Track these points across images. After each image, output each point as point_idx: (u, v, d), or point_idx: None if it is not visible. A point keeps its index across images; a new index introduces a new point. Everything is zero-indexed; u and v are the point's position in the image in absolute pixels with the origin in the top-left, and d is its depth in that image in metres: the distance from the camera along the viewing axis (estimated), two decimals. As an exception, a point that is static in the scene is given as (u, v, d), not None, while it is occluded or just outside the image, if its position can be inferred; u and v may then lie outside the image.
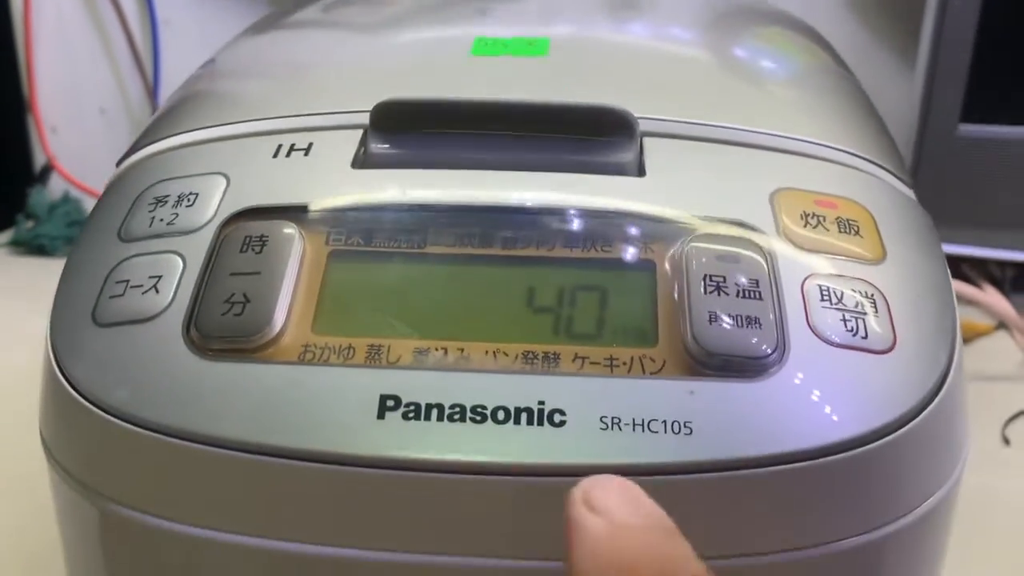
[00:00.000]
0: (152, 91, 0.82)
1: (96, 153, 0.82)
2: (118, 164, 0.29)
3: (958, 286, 0.60)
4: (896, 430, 0.21)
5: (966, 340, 0.62)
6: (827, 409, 0.20)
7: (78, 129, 0.82)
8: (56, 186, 0.79)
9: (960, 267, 0.64)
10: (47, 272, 0.78)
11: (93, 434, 0.21)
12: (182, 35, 0.82)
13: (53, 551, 0.40)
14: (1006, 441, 0.50)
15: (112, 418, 0.21)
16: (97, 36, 0.82)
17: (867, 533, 0.21)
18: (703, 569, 0.16)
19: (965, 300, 0.60)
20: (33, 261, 0.73)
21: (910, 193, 0.27)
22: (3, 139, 0.79)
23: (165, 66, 0.82)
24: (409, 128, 0.25)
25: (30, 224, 0.74)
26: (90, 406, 0.21)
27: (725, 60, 0.32)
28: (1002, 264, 0.65)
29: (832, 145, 0.26)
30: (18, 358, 0.57)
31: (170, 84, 0.82)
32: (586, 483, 0.16)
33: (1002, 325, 0.61)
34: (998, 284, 0.63)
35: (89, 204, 0.77)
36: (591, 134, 0.25)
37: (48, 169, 0.80)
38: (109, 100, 0.83)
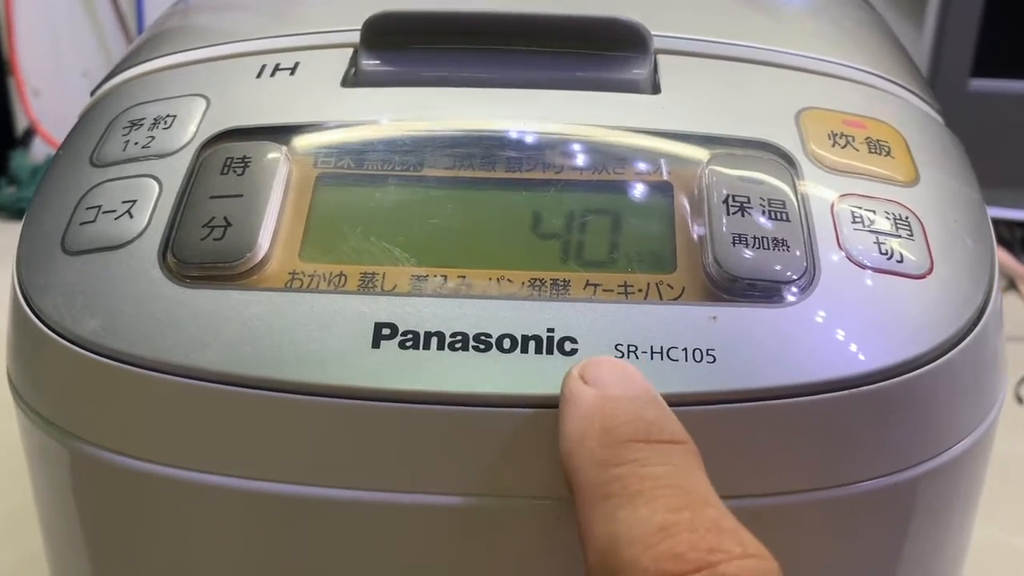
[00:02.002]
0: (137, 52, 0.80)
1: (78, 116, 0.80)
2: (92, 93, 0.27)
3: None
4: (932, 361, 0.19)
5: (975, 300, 0.60)
6: (858, 337, 0.19)
7: (61, 92, 0.80)
8: (38, 150, 0.77)
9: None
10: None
11: (62, 369, 0.19)
12: (167, -5, 0.80)
13: (23, 511, 0.38)
14: (1019, 400, 0.49)
15: (82, 350, 0.19)
16: (80, -3, 0.79)
17: (898, 473, 0.19)
18: (680, 429, 0.17)
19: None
20: (15, 226, 0.71)
21: (939, 118, 0.25)
22: (-16, 102, 0.77)
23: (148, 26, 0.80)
24: (403, 44, 0.23)
25: (12, 188, 0.72)
26: (58, 338, 0.19)
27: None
28: (1011, 224, 0.63)
29: (858, 67, 0.25)
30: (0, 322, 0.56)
31: (156, 45, 0.80)
32: (583, 361, 0.17)
33: (1012, 285, 0.59)
34: (1008, 245, 0.62)
35: (73, 168, 0.75)
36: (601, 49, 0.23)
37: (30, 132, 0.78)
38: (92, 62, 0.81)
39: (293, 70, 0.23)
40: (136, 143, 0.22)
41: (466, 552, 0.19)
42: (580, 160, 0.21)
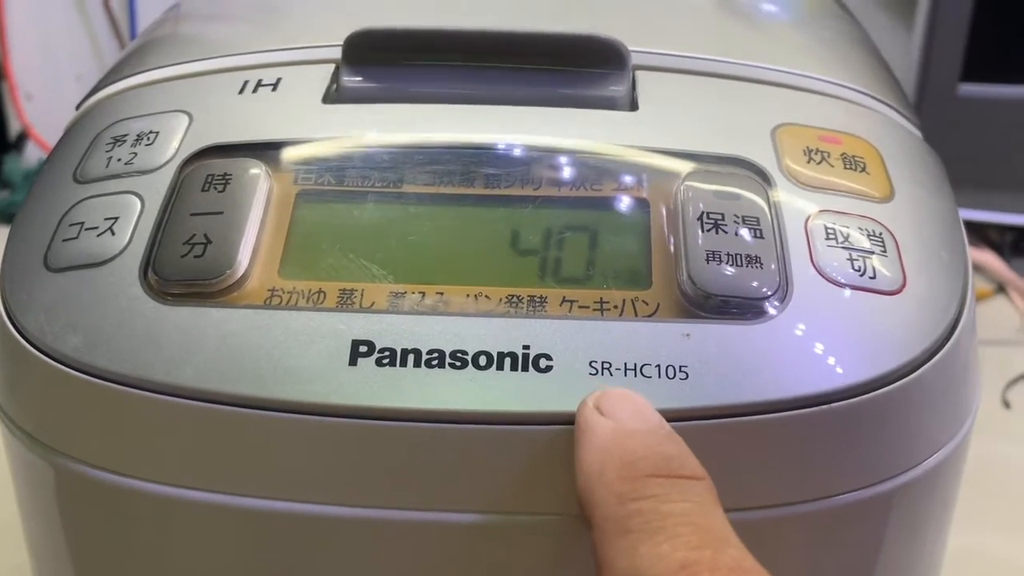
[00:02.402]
0: (130, 56, 0.80)
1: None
2: (77, 107, 0.27)
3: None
4: (905, 376, 0.19)
5: (964, 305, 0.60)
6: (832, 353, 0.19)
7: (54, 96, 0.80)
8: (32, 154, 0.77)
9: (957, 231, 0.62)
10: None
11: (44, 385, 0.20)
12: (160, 1, 0.80)
13: (10, 523, 0.38)
14: (1006, 404, 0.49)
15: (64, 367, 0.19)
16: (73, 2, 0.79)
17: (872, 487, 0.20)
18: (698, 465, 0.17)
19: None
20: (8, 230, 0.71)
21: (917, 132, 0.25)
22: (-23, 107, 0.77)
23: (141, 31, 0.80)
24: (384, 60, 0.23)
25: (5, 193, 0.73)
26: (40, 355, 0.20)
27: (724, 0, 0.30)
28: (1001, 228, 0.63)
29: (836, 81, 0.25)
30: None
31: (149, 49, 0.80)
32: (597, 393, 0.18)
33: (1001, 289, 0.60)
34: (997, 248, 0.62)
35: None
36: (580, 66, 0.23)
37: (23, 137, 0.78)
38: (85, 67, 0.81)
39: (275, 86, 0.23)
40: (119, 159, 0.22)
41: (442, 568, 0.19)
42: (558, 177, 0.21)
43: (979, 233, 0.63)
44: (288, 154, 0.22)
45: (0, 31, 0.76)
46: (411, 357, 0.18)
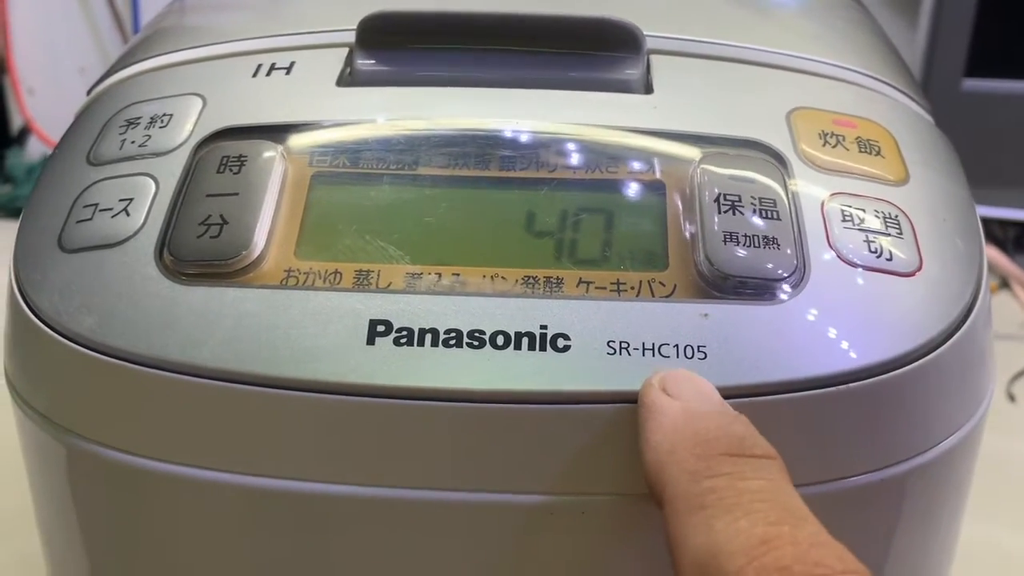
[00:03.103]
0: (133, 51, 0.80)
1: (74, 114, 0.80)
2: (88, 92, 0.27)
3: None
4: (921, 358, 0.19)
5: (967, 299, 0.60)
6: (848, 334, 0.19)
7: (56, 90, 0.80)
8: (34, 148, 0.77)
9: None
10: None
11: (59, 365, 0.20)
12: (163, -7, 0.80)
13: (19, 512, 0.38)
14: (1011, 398, 0.50)
15: (79, 347, 0.19)
16: (75, -6, 0.79)
17: (887, 468, 0.20)
18: (768, 445, 0.17)
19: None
20: (11, 224, 0.71)
21: (928, 118, 0.25)
22: (-21, 101, 0.77)
23: (145, 24, 0.80)
24: (398, 44, 0.23)
25: (7, 187, 0.72)
26: (55, 335, 0.19)
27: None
28: (1004, 223, 0.64)
29: (849, 67, 0.25)
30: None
31: (151, 44, 0.80)
32: (661, 373, 0.18)
33: (1004, 284, 0.60)
34: (1001, 244, 0.62)
35: (69, 167, 0.75)
36: (594, 49, 0.23)
37: (26, 131, 0.78)
38: (88, 60, 0.80)
39: (289, 69, 0.23)
40: (133, 142, 0.22)
41: (460, 547, 0.19)
42: (573, 159, 0.21)
43: (983, 228, 0.63)
44: (303, 136, 0.22)
45: (3, 25, 0.76)
46: (428, 336, 0.18)
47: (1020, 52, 0.61)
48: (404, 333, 0.18)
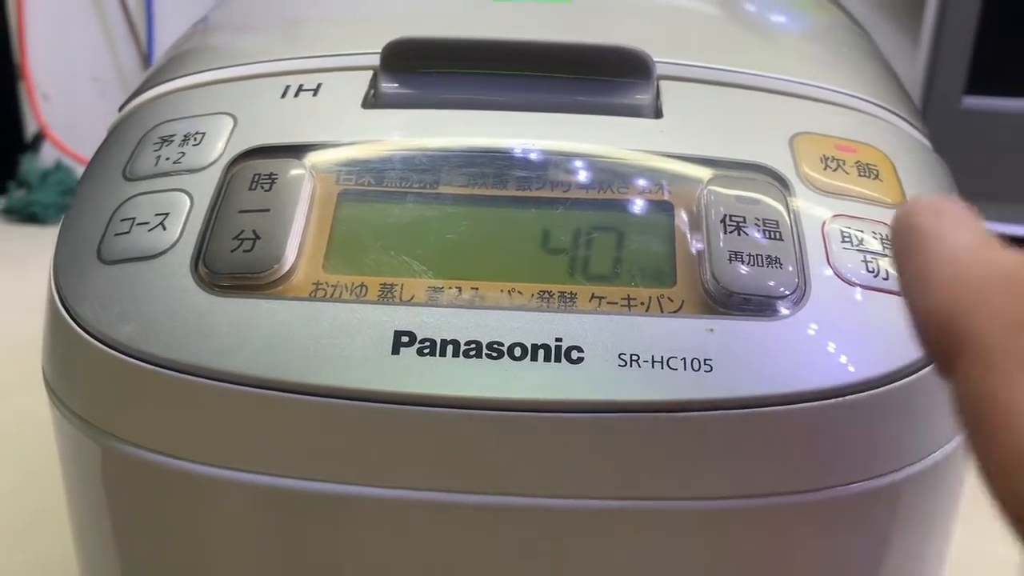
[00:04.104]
0: (146, 59, 0.81)
1: (88, 121, 0.81)
2: (120, 109, 0.28)
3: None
4: (914, 373, 0.20)
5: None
6: (847, 349, 0.20)
7: (70, 97, 0.81)
8: (48, 154, 0.78)
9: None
10: (39, 240, 0.77)
11: (100, 371, 0.21)
12: (176, 3, 0.81)
13: (41, 515, 0.39)
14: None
15: (119, 354, 0.20)
16: (91, 3, 0.80)
17: (882, 476, 0.21)
18: None
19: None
20: (25, 229, 0.72)
21: (927, 142, 0.26)
22: (-5, 107, 0.78)
23: (159, 34, 0.81)
24: (421, 68, 0.24)
25: (21, 192, 0.74)
26: (96, 343, 0.21)
27: (742, 13, 0.31)
28: (1003, 238, 0.65)
29: (850, 93, 0.26)
30: (9, 325, 0.57)
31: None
32: (927, 198, 0.15)
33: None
34: (998, 259, 0.63)
35: (81, 172, 0.76)
36: (607, 75, 0.24)
37: (40, 137, 0.79)
38: (102, 68, 0.82)
39: (316, 91, 0.25)
40: (167, 159, 0.23)
41: (476, 549, 0.20)
42: (586, 180, 0.23)
43: (981, 243, 0.64)
44: (330, 156, 0.23)
45: (19, 32, 0.78)
46: (450, 347, 0.20)
47: (1019, 71, 0.63)
48: (427, 344, 0.20)
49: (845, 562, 0.22)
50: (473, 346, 0.20)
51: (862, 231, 0.22)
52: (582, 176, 0.23)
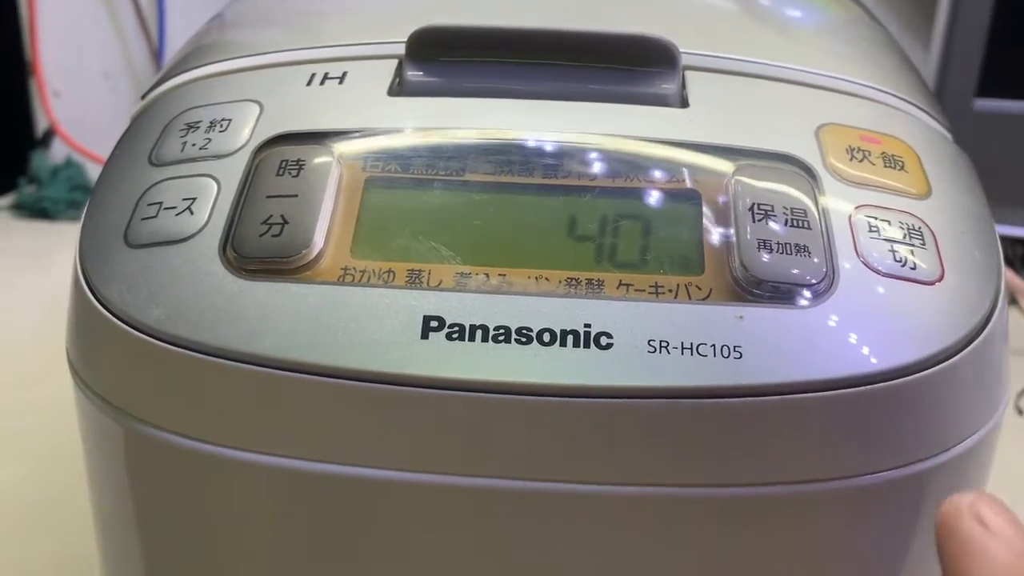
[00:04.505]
0: (157, 56, 0.82)
1: (99, 117, 0.82)
2: (143, 97, 0.28)
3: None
4: (941, 363, 0.20)
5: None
6: (874, 338, 0.20)
7: (81, 93, 0.82)
8: (58, 150, 0.78)
9: (970, 244, 0.63)
10: (49, 235, 0.77)
11: (127, 354, 0.21)
12: (188, 0, 0.81)
13: (59, 502, 0.40)
14: (1019, 411, 0.50)
15: (147, 337, 0.20)
16: (102, 0, 0.81)
17: (907, 466, 0.21)
18: None
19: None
20: (35, 224, 0.72)
21: (948, 135, 0.26)
22: (5, 102, 0.78)
23: (170, 31, 0.82)
24: (446, 56, 0.24)
25: (32, 187, 0.74)
26: (124, 326, 0.21)
27: (765, 7, 0.31)
28: (1015, 241, 0.65)
29: (873, 85, 0.26)
30: (21, 318, 0.57)
31: (175, 49, 0.81)
32: (969, 498, 0.16)
33: (1014, 301, 0.61)
34: (1009, 262, 0.63)
35: (91, 168, 0.76)
36: (633, 64, 0.24)
37: (50, 133, 0.79)
38: (113, 64, 0.82)
39: (342, 79, 0.25)
40: (194, 144, 0.24)
41: (503, 532, 0.20)
42: (613, 168, 0.23)
43: (992, 246, 0.65)
44: (356, 143, 0.23)
45: (30, 29, 0.78)
46: (479, 332, 0.20)
47: (1031, 73, 0.63)
48: (456, 329, 0.20)
49: (872, 550, 0.22)
50: (502, 331, 0.20)
51: (888, 221, 0.22)
52: (608, 164, 0.23)
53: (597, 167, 0.23)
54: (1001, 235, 0.70)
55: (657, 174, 0.22)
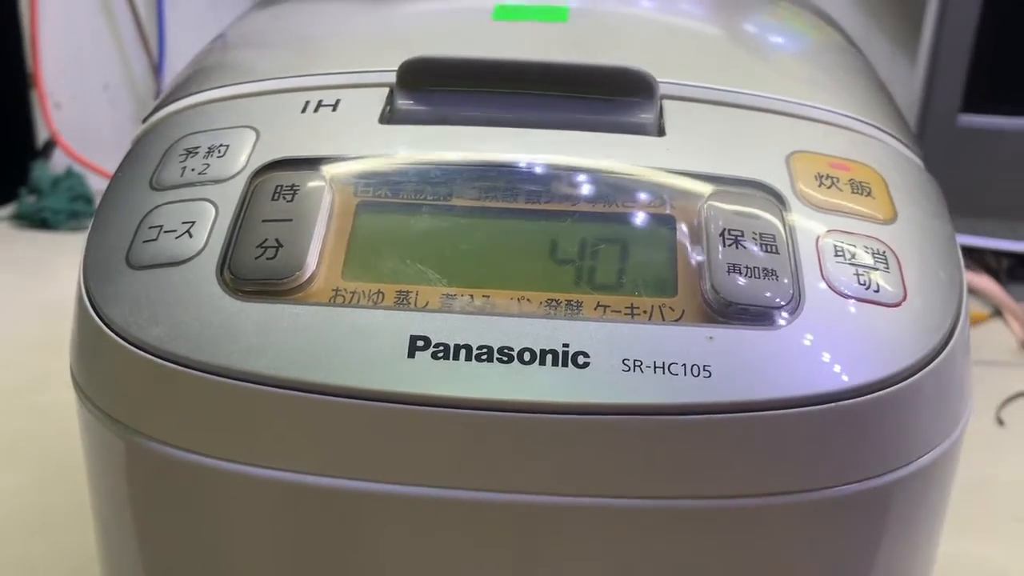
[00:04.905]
0: (156, 68, 0.83)
1: (99, 129, 0.83)
2: (144, 121, 0.30)
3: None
4: (903, 381, 0.21)
5: (961, 327, 0.62)
6: (839, 358, 0.21)
7: (81, 105, 0.83)
8: (58, 161, 0.79)
9: (956, 256, 0.65)
10: (50, 245, 0.79)
11: (129, 372, 0.22)
12: (187, 14, 0.83)
13: (59, 509, 0.40)
14: (1000, 422, 0.52)
15: (148, 355, 0.21)
16: (102, 13, 0.82)
17: (872, 479, 0.22)
18: None
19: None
20: (36, 234, 0.73)
21: (918, 161, 0.28)
22: (7, 114, 0.79)
23: (170, 43, 0.83)
24: (435, 86, 0.26)
25: (32, 198, 0.75)
26: (126, 344, 0.22)
27: (741, 34, 0.33)
28: (998, 254, 0.66)
29: (845, 113, 0.27)
30: (21, 327, 0.58)
31: (174, 62, 0.82)
32: None
33: (997, 313, 0.62)
34: (995, 274, 0.64)
35: (91, 179, 0.77)
36: (612, 95, 0.25)
37: (51, 144, 0.80)
38: (113, 77, 0.83)
39: (335, 107, 0.26)
40: (193, 169, 0.25)
41: (483, 543, 0.21)
42: (593, 194, 0.24)
43: (977, 259, 0.66)
44: (349, 169, 0.24)
45: (32, 42, 0.79)
46: (463, 352, 0.21)
47: (1014, 89, 0.64)
48: (441, 348, 0.21)
49: (839, 562, 0.23)
50: (485, 351, 0.21)
51: (854, 245, 0.23)
52: (588, 190, 0.24)
53: (577, 193, 0.24)
54: (985, 248, 0.71)
55: (634, 200, 0.23)
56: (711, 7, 0.36)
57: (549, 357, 0.21)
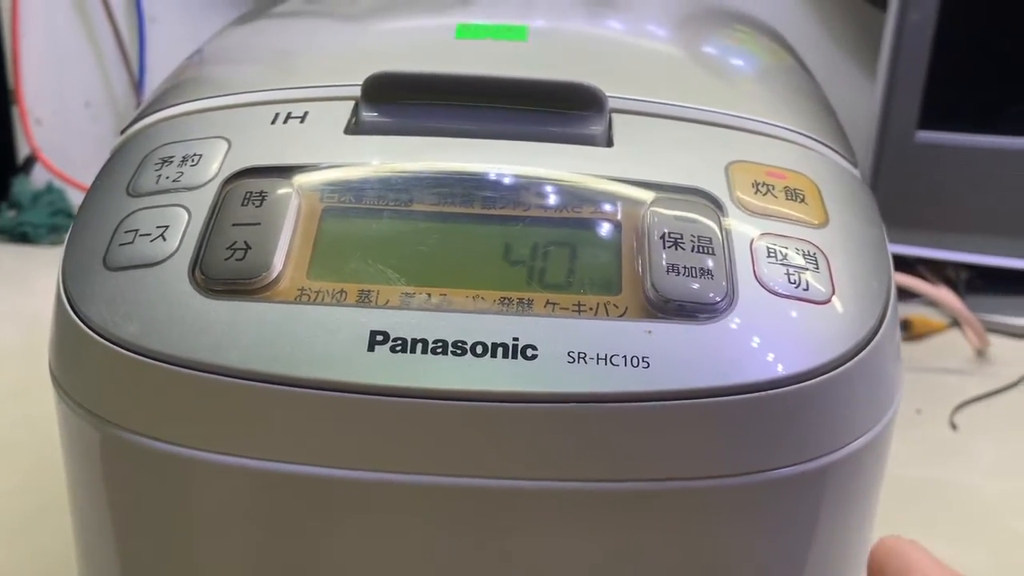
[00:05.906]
0: (137, 85, 0.84)
1: (80, 145, 0.84)
2: (122, 132, 0.31)
3: (915, 283, 0.63)
4: (830, 371, 0.23)
5: (921, 336, 0.65)
6: (769, 349, 0.23)
7: (62, 122, 0.84)
8: (39, 176, 0.80)
9: (917, 268, 0.67)
10: (30, 259, 0.79)
11: (106, 367, 0.23)
12: (168, 31, 0.84)
13: (38, 513, 0.41)
14: (953, 427, 0.53)
15: (124, 350, 0.23)
16: (84, 30, 0.83)
17: (803, 463, 0.23)
18: None
19: (921, 296, 0.63)
20: (16, 248, 0.74)
21: (854, 171, 0.29)
22: (-13, 130, 0.80)
23: (150, 61, 0.84)
24: (398, 99, 0.27)
25: (12, 213, 0.76)
26: (103, 340, 0.23)
27: (690, 52, 0.35)
28: (957, 266, 0.68)
29: (785, 126, 0.29)
30: (2, 337, 0.59)
31: (155, 79, 0.84)
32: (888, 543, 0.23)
33: (955, 323, 0.64)
34: (953, 285, 0.66)
35: (72, 194, 0.78)
36: (565, 108, 0.27)
37: (32, 159, 0.81)
38: (94, 94, 0.84)
39: (303, 118, 0.27)
40: (167, 177, 0.26)
41: (437, 525, 0.23)
42: (544, 200, 0.25)
43: (937, 271, 0.68)
44: (315, 176, 0.26)
45: (13, 57, 0.80)
46: (419, 345, 0.22)
47: (969, 107, 0.66)
48: (399, 342, 0.22)
49: (777, 541, 0.24)
50: (440, 344, 0.22)
51: (786, 248, 0.24)
52: (541, 197, 0.25)
53: (530, 199, 0.25)
54: (944, 260, 0.73)
55: (583, 206, 0.25)
56: (668, 28, 0.38)
57: (500, 350, 0.22)
